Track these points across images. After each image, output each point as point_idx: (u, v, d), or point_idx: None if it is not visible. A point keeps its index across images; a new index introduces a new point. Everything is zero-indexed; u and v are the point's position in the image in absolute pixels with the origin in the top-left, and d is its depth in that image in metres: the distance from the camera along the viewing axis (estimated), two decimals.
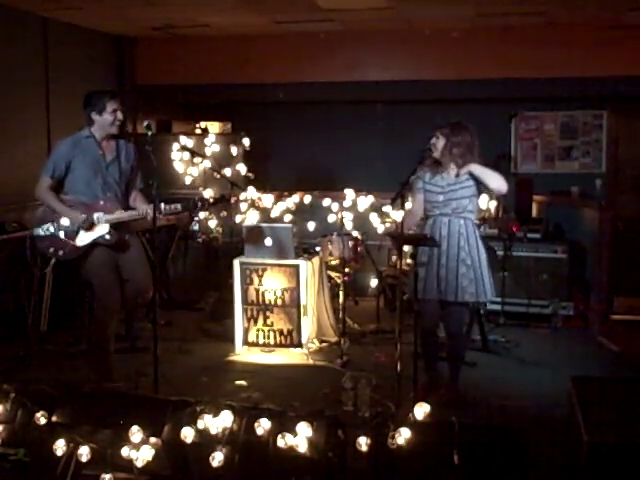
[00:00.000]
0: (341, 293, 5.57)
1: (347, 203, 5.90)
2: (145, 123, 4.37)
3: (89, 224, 4.53)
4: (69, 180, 4.60)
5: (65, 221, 4.50)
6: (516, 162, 7.34)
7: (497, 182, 4.34)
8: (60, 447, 3.24)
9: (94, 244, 4.56)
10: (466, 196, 4.37)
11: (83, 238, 4.54)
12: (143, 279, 4.70)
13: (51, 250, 4.61)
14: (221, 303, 6.21)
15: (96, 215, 4.55)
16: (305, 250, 5.69)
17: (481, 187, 4.42)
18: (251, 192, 6.20)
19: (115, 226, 4.58)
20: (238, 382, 4.85)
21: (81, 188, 4.58)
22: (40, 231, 4.60)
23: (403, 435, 3.07)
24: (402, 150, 4.59)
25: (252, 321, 5.53)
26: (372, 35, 7.34)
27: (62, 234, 4.54)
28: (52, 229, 4.56)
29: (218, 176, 5.95)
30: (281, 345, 5.52)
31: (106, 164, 4.64)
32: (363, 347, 5.69)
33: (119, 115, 4.62)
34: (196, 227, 6.85)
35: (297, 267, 5.44)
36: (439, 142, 4.40)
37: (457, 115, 4.44)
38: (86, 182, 4.58)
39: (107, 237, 4.55)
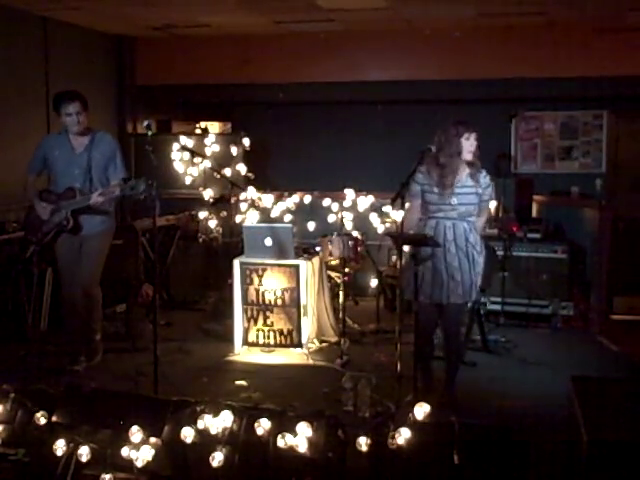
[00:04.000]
0: (341, 293, 5.57)
1: (347, 203, 5.91)
2: (145, 123, 4.38)
3: (52, 212, 4.96)
4: (51, 173, 5.13)
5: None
6: (516, 162, 7.34)
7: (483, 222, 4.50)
8: (60, 447, 3.24)
9: (59, 231, 4.98)
10: (473, 203, 4.29)
11: (48, 225, 5.00)
12: (83, 274, 5.03)
13: (29, 237, 5.15)
14: (221, 303, 6.22)
15: (54, 205, 4.97)
16: (305, 250, 5.68)
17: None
18: (251, 192, 6.21)
19: (73, 213, 4.93)
20: (238, 382, 4.85)
21: (57, 179, 5.06)
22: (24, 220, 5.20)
23: (403, 435, 3.06)
24: (402, 150, 4.57)
25: (252, 321, 5.53)
26: (372, 35, 7.34)
27: (33, 222, 5.03)
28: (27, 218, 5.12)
29: (218, 176, 5.95)
30: (281, 345, 5.52)
31: (76, 156, 5.03)
32: (363, 347, 5.68)
33: (72, 119, 4.92)
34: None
35: (297, 267, 5.44)
36: (468, 143, 4.21)
37: (457, 115, 4.40)
38: (60, 173, 5.02)
39: (63, 223, 4.93)
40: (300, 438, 3.12)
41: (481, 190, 4.31)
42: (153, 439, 3.24)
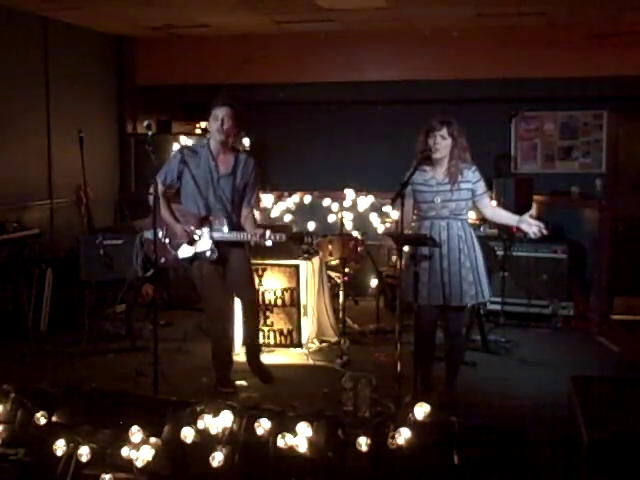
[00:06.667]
0: (341, 293, 5.57)
1: (347, 203, 5.93)
2: (145, 123, 4.36)
3: (191, 239, 4.54)
4: (182, 189, 4.61)
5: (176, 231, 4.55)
6: (516, 162, 7.34)
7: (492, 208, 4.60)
8: (60, 447, 3.24)
9: (194, 257, 4.59)
10: (463, 199, 4.31)
11: (185, 251, 4.58)
12: (242, 286, 4.76)
13: (154, 255, 4.54)
14: None
15: (200, 231, 4.55)
16: (305, 250, 5.68)
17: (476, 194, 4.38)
18: None
19: (217, 243, 4.56)
20: (238, 382, 4.85)
21: (189, 199, 4.59)
22: (149, 235, 4.60)
23: (403, 435, 3.06)
24: (402, 150, 4.56)
25: None
26: (372, 35, 7.34)
27: (167, 242, 4.55)
28: (159, 235, 4.52)
29: None
30: (281, 345, 5.52)
31: (218, 177, 4.58)
32: (363, 347, 5.69)
33: (217, 124, 4.54)
34: None
35: (297, 267, 5.44)
36: (444, 142, 4.26)
37: (457, 115, 4.40)
38: (194, 193, 4.56)
39: (208, 254, 4.56)
40: (300, 438, 3.12)
41: (471, 185, 4.32)
42: (153, 439, 3.24)
